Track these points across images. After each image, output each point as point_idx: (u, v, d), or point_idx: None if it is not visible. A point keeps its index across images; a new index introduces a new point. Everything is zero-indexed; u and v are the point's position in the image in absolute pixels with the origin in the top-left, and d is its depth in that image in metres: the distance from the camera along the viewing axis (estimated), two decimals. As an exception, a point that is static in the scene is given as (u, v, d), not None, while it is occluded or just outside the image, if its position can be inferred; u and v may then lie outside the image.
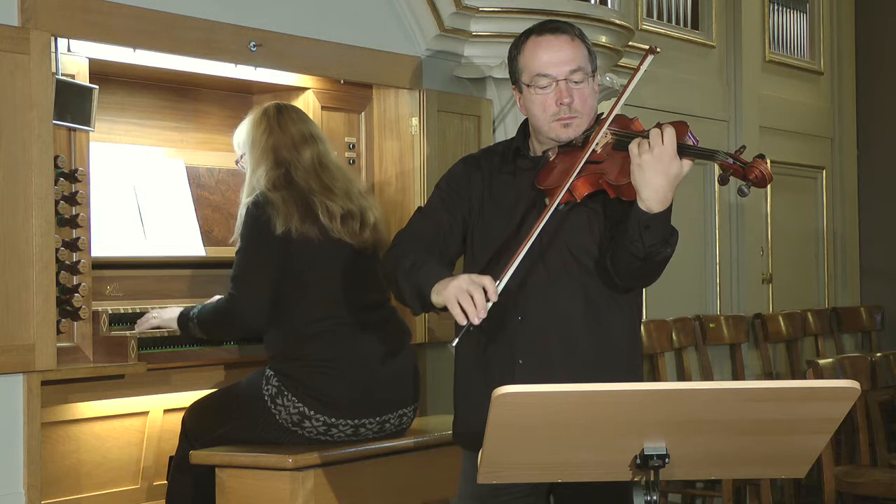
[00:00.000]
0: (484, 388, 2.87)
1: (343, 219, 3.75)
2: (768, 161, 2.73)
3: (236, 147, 3.97)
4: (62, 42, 3.58)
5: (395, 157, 4.51)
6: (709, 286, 6.81)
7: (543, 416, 2.28)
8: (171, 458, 3.96)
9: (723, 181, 2.75)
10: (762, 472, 2.59)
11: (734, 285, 6.95)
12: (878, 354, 5.25)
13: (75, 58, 3.67)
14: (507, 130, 4.79)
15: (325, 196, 3.76)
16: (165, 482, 3.97)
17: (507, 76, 3.07)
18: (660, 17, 6.43)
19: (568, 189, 2.83)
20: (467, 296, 2.70)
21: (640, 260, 2.78)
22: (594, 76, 2.99)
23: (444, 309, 2.76)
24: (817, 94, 7.97)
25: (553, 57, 2.94)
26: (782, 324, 7.00)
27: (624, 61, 5.28)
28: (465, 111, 4.71)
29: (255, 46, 3.98)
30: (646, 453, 2.33)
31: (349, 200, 3.80)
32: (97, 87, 3.68)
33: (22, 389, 3.36)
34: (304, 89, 4.44)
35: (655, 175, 2.69)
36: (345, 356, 3.69)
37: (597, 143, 2.84)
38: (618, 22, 4.96)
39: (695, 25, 6.76)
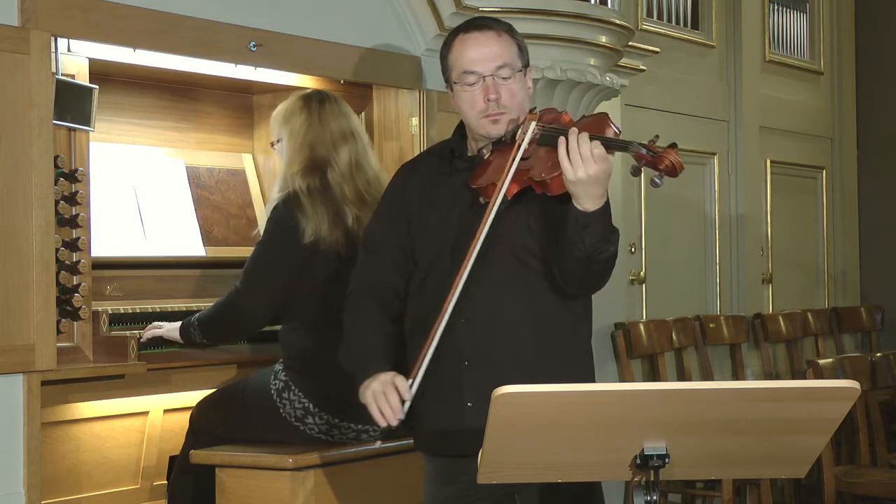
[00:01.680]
0: (435, 392, 2.90)
1: None
2: (678, 151, 2.72)
3: (273, 129, 3.92)
4: (62, 42, 3.57)
5: (395, 157, 4.50)
6: (709, 286, 6.81)
7: (543, 416, 2.28)
8: (171, 457, 3.97)
9: (635, 172, 2.76)
10: (762, 472, 2.59)
11: (734, 285, 6.94)
12: (878, 354, 5.25)
13: (75, 58, 3.66)
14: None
15: (356, 206, 3.73)
16: (165, 482, 3.97)
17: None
18: (660, 17, 6.42)
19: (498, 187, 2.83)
20: (383, 398, 2.83)
21: (582, 262, 2.78)
22: (525, 71, 3.00)
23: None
24: (817, 94, 7.97)
25: (479, 53, 2.95)
26: (782, 324, 7.00)
27: (624, 61, 5.28)
28: (465, 111, 4.70)
29: (255, 46, 3.97)
30: (646, 453, 2.33)
31: None
32: (97, 87, 3.68)
33: (22, 389, 3.36)
34: (304, 89, 4.42)
35: (591, 186, 2.71)
36: None
37: (526, 142, 2.84)
38: (618, 22, 4.96)
39: (695, 25, 6.75)
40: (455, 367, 2.91)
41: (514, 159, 2.82)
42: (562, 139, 2.73)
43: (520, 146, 2.83)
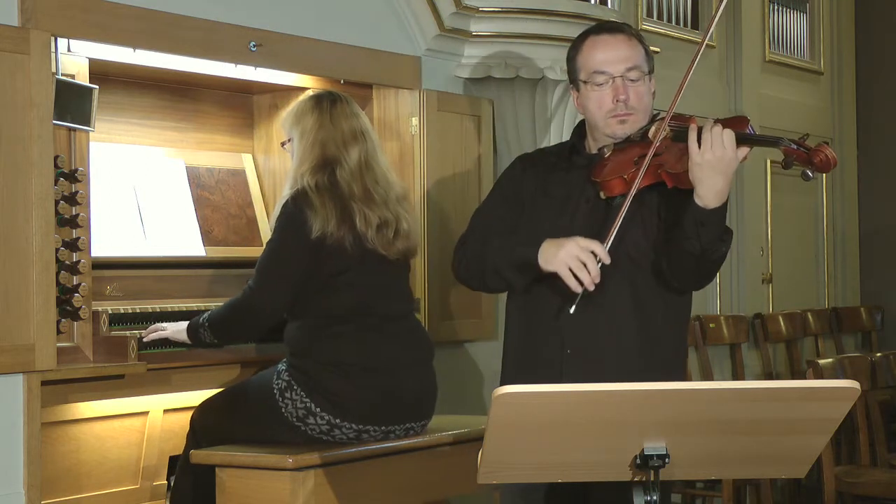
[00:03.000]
0: (532, 377, 2.90)
1: (378, 228, 3.72)
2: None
3: (284, 129, 3.92)
4: (62, 42, 3.57)
5: (395, 157, 4.50)
6: (709, 286, 6.78)
7: (543, 416, 2.28)
8: (171, 457, 3.96)
9: (787, 165, 2.85)
10: (762, 472, 2.59)
11: (734, 285, 6.94)
12: (878, 354, 5.25)
13: (75, 58, 3.66)
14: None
15: (364, 204, 3.73)
16: (165, 482, 3.97)
17: (564, 77, 3.16)
18: (660, 17, 6.43)
19: (626, 180, 2.89)
20: (579, 263, 2.82)
21: (695, 257, 2.86)
22: (650, 76, 3.10)
23: (549, 276, 2.87)
24: (817, 94, 7.96)
25: (610, 55, 3.05)
26: (782, 324, 7.00)
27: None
28: (465, 111, 4.71)
29: (255, 46, 3.98)
30: (646, 453, 2.33)
31: (386, 208, 3.77)
32: (97, 87, 3.68)
33: (22, 389, 3.36)
34: (304, 89, 4.43)
35: (715, 174, 2.78)
36: (359, 362, 3.68)
37: (660, 137, 2.92)
38: (618, 22, 4.95)
39: (695, 25, 6.75)
40: (556, 356, 2.95)
41: (650, 153, 2.89)
42: (693, 125, 2.83)
43: (656, 140, 2.90)
